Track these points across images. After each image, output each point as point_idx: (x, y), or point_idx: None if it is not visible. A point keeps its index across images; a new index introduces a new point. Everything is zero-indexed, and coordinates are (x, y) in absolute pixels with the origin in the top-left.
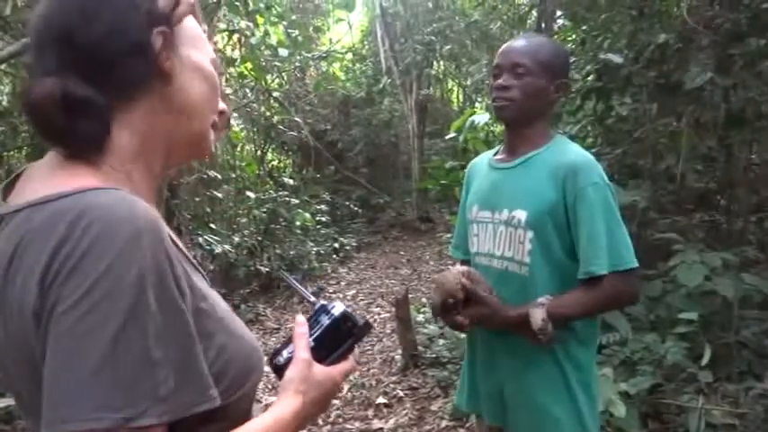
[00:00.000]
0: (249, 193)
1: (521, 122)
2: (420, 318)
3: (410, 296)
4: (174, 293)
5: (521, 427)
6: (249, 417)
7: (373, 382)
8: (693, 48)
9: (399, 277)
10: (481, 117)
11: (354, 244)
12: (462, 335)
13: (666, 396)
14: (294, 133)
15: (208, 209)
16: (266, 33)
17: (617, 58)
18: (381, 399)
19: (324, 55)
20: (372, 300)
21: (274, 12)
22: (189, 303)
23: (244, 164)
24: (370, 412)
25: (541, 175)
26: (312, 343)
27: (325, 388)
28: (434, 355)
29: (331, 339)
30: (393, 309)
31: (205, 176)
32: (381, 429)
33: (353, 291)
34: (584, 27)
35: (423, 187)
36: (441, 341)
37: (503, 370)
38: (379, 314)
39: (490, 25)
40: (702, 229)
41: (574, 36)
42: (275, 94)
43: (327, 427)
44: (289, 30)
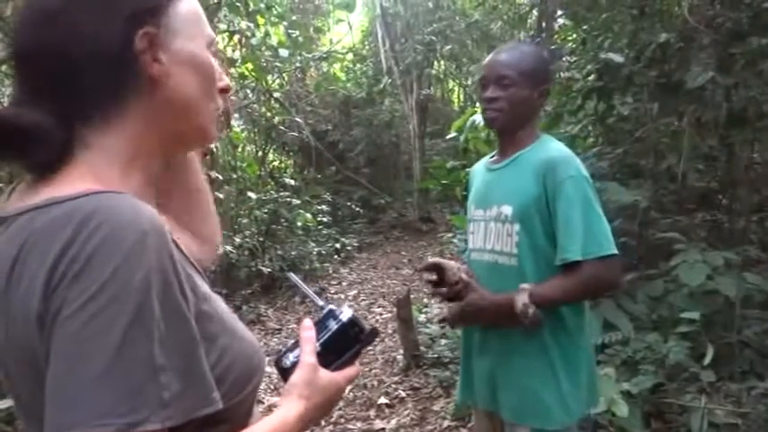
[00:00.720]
0: (250, 194)
1: (510, 129)
2: (422, 318)
3: (412, 296)
4: (178, 298)
5: (509, 409)
6: (250, 418)
7: (375, 383)
8: (694, 47)
9: (401, 277)
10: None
11: (356, 244)
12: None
13: (669, 395)
14: (295, 134)
15: None
16: (267, 34)
17: (618, 58)
18: (383, 399)
19: (324, 55)
20: (374, 300)
21: (275, 12)
22: (192, 306)
23: (245, 164)
24: (372, 412)
25: (526, 172)
26: (319, 347)
27: (329, 393)
28: (436, 356)
29: (338, 344)
30: (395, 309)
31: (206, 177)
32: (383, 429)
33: (355, 291)
34: (584, 26)
35: (424, 187)
36: (442, 341)
37: (493, 355)
38: (380, 314)
39: (491, 25)
40: (704, 229)
41: (574, 36)
42: (276, 95)
43: (330, 427)
44: (289, 30)
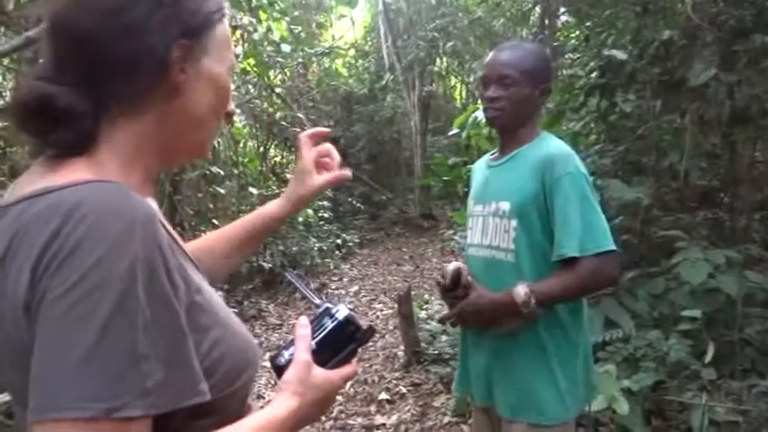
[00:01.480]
0: (252, 190)
1: (511, 127)
2: (422, 314)
3: (413, 293)
4: (165, 287)
5: (505, 404)
6: (243, 412)
7: (376, 379)
8: (698, 44)
9: (402, 274)
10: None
11: (357, 240)
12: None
13: (669, 393)
14: (297, 129)
15: (210, 205)
16: (269, 29)
17: (621, 55)
18: (384, 395)
19: (326, 51)
20: (375, 296)
21: (277, 8)
22: (183, 296)
23: (246, 160)
24: (372, 408)
25: (524, 169)
26: (314, 346)
27: (323, 391)
28: (437, 352)
29: (333, 343)
30: (395, 305)
31: (208, 173)
32: (384, 425)
33: (356, 287)
34: (587, 23)
35: (425, 184)
36: (443, 338)
37: (489, 351)
38: (381, 311)
39: (493, 22)
40: (706, 227)
41: (577, 32)
42: (278, 91)
43: (330, 423)
44: (291, 26)
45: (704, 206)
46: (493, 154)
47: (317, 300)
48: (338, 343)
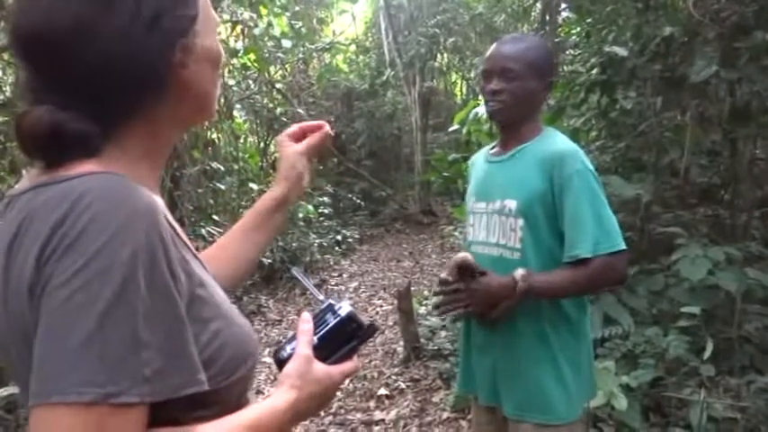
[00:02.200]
0: (252, 185)
1: (513, 122)
2: (422, 310)
3: (412, 289)
4: (166, 277)
5: (512, 403)
6: (243, 404)
7: (375, 374)
8: (699, 41)
9: (402, 270)
10: (484, 109)
11: (357, 236)
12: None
13: (668, 389)
14: (296, 125)
15: (210, 200)
16: (269, 24)
17: (622, 51)
18: (383, 390)
19: (327, 46)
20: (374, 292)
21: (278, 3)
22: (185, 288)
23: (246, 155)
24: (371, 403)
25: (530, 166)
26: (316, 341)
27: (322, 385)
28: (436, 348)
29: (335, 339)
30: (395, 301)
31: (208, 168)
32: (383, 421)
33: (356, 283)
34: (588, 20)
35: (425, 180)
36: (442, 333)
37: (495, 350)
38: (381, 306)
39: (494, 18)
40: (706, 224)
41: (578, 29)
42: (278, 86)
43: (329, 418)
44: (292, 21)
45: (704, 203)
46: (492, 148)
47: (321, 296)
48: (340, 339)
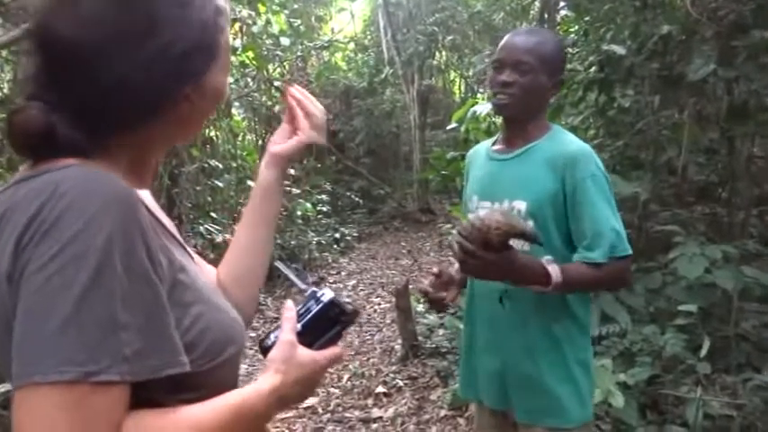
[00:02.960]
0: (250, 183)
1: (520, 118)
2: (420, 308)
3: (410, 287)
4: (143, 261)
5: (524, 409)
6: (229, 388)
7: (373, 372)
8: (697, 39)
9: (400, 268)
10: (482, 107)
11: (355, 234)
12: (461, 325)
13: (665, 387)
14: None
15: (209, 198)
16: (268, 22)
17: (620, 50)
18: (381, 388)
19: (326, 44)
20: (373, 290)
21: (276, 0)
22: (166, 273)
23: (245, 153)
24: (369, 401)
25: (540, 166)
26: (300, 328)
27: (307, 369)
28: (434, 346)
29: (319, 325)
30: (393, 299)
31: (206, 166)
32: (381, 418)
33: (354, 281)
34: (586, 18)
35: (424, 178)
36: (440, 331)
37: (503, 354)
38: (379, 304)
39: (493, 16)
40: (703, 222)
41: (576, 27)
42: (277, 84)
43: (327, 416)
44: (291, 18)
45: (702, 201)
46: (493, 144)
47: (303, 285)
48: (323, 325)
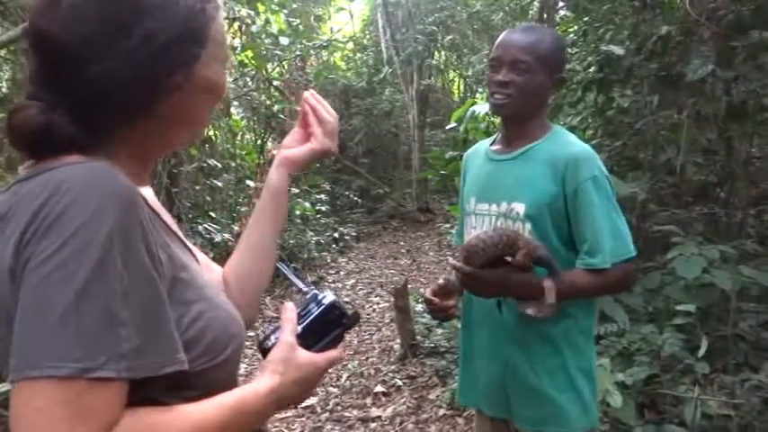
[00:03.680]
0: (249, 182)
1: (519, 117)
2: (419, 308)
3: (409, 286)
4: (143, 257)
5: (526, 419)
6: (229, 387)
7: (372, 371)
8: (695, 40)
9: (399, 267)
10: (481, 107)
11: (354, 234)
12: (460, 324)
13: (663, 387)
14: (294, 123)
15: (208, 197)
16: (267, 21)
17: (618, 50)
18: (380, 387)
19: (325, 44)
20: (371, 289)
21: (275, 0)
22: (166, 270)
23: (244, 153)
24: (368, 400)
25: (540, 167)
26: (300, 330)
27: (305, 371)
28: (433, 345)
29: (319, 328)
30: (392, 298)
31: (205, 165)
32: (379, 417)
33: (353, 280)
34: (585, 18)
35: (423, 177)
36: (439, 331)
37: (504, 362)
38: (378, 304)
39: (492, 16)
40: (702, 222)
41: (575, 27)
42: (276, 83)
43: (326, 415)
44: (290, 18)
45: (700, 201)
46: (492, 144)
47: (304, 287)
48: (324, 327)
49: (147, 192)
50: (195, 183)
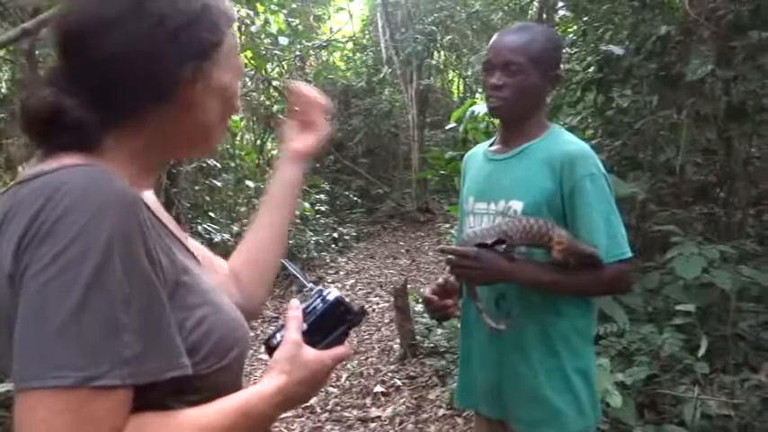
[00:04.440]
0: (248, 183)
1: (516, 118)
2: (418, 307)
3: (409, 286)
4: (144, 263)
5: (522, 420)
6: (234, 391)
7: (371, 371)
8: (695, 40)
9: (398, 267)
10: (481, 107)
11: (353, 234)
12: (459, 324)
13: (663, 387)
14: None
15: (207, 198)
16: (266, 22)
17: (618, 50)
18: (379, 387)
19: (324, 44)
20: (371, 289)
21: (275, 0)
22: (168, 275)
23: (243, 153)
24: (368, 400)
25: (537, 165)
26: (306, 327)
27: (312, 369)
28: (432, 345)
29: (325, 324)
30: (392, 298)
31: (204, 165)
32: (379, 417)
33: (352, 280)
34: (585, 18)
35: (422, 177)
36: (439, 331)
37: (501, 362)
38: (377, 304)
39: (491, 15)
40: (701, 222)
41: (575, 27)
42: (275, 83)
43: (326, 415)
44: (289, 18)
45: (700, 201)
46: (491, 145)
47: (309, 284)
48: (329, 324)
49: (148, 195)
50: (194, 183)
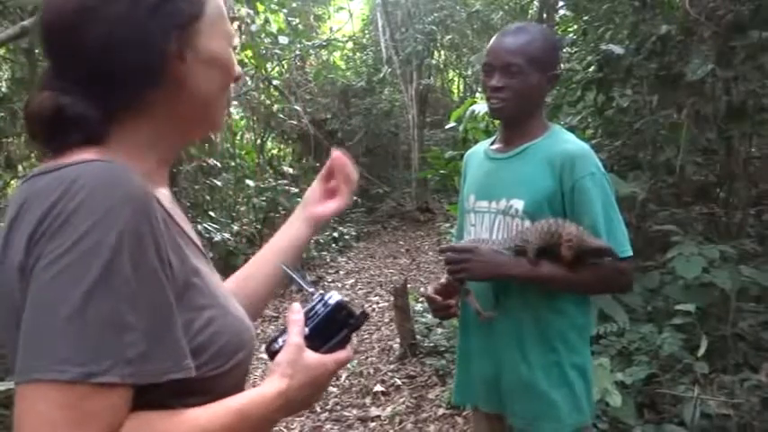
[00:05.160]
0: (249, 182)
1: (517, 118)
2: (418, 307)
3: (409, 286)
4: (154, 262)
5: (519, 414)
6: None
7: (371, 371)
8: (695, 39)
9: (398, 267)
10: (481, 107)
11: (353, 233)
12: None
13: (662, 386)
14: (294, 122)
15: (207, 197)
16: (266, 21)
17: (618, 49)
18: (379, 387)
19: (324, 43)
20: (371, 289)
21: None
22: (178, 275)
23: (243, 152)
24: (367, 400)
25: (538, 165)
26: (307, 331)
27: (314, 373)
28: (432, 344)
29: (326, 328)
30: (392, 298)
31: (205, 164)
32: (379, 417)
33: (352, 280)
34: (585, 17)
35: (422, 177)
36: (439, 330)
37: (499, 357)
38: (377, 303)
39: (492, 15)
40: (701, 222)
41: (575, 26)
42: (275, 83)
43: (325, 415)
44: (289, 17)
45: (700, 201)
46: (492, 144)
47: (311, 288)
48: (331, 328)
49: (164, 192)
50: (195, 182)
